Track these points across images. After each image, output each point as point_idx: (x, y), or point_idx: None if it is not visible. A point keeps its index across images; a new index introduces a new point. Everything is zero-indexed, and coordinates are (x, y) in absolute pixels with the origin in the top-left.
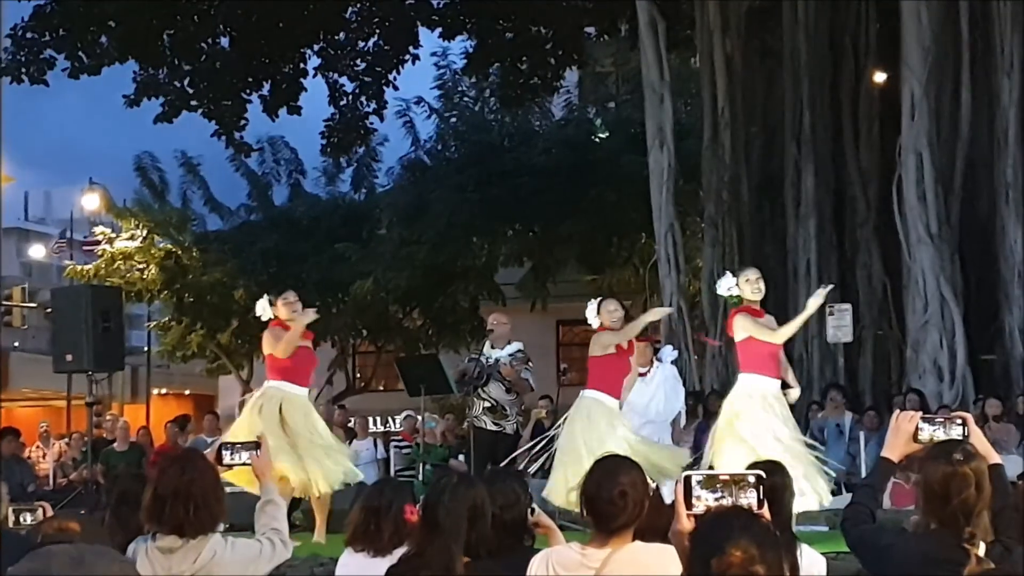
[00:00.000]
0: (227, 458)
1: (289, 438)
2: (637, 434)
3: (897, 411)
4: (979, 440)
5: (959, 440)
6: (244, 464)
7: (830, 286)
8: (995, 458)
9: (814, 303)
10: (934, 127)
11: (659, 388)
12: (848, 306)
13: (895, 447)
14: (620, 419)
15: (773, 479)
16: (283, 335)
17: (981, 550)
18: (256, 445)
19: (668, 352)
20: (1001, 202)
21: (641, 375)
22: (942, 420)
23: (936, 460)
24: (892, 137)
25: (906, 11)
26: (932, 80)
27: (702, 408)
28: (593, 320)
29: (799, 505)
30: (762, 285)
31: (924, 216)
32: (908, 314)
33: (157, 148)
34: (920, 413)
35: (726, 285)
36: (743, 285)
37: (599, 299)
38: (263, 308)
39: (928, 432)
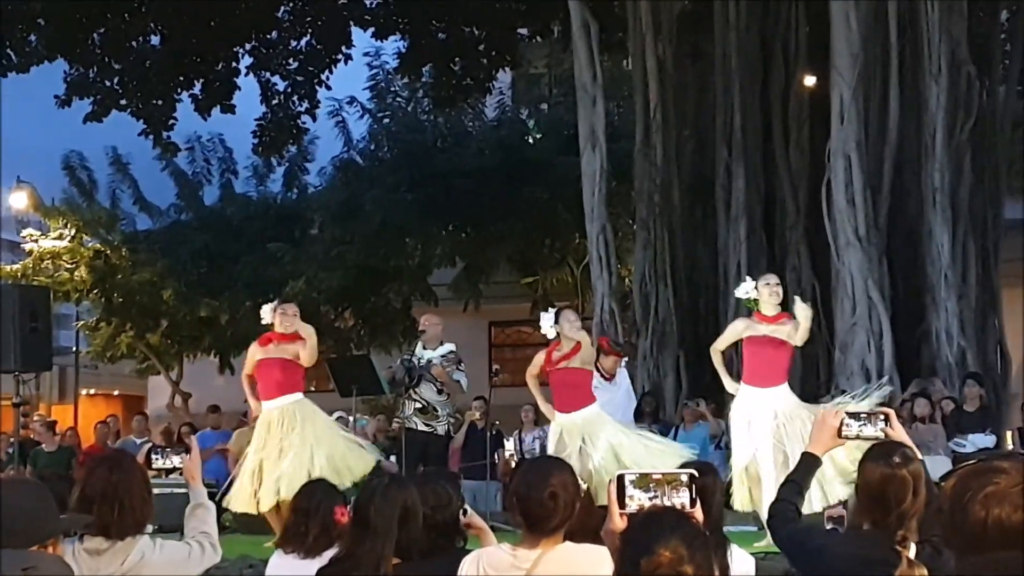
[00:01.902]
0: (157, 462)
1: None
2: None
3: (822, 407)
4: (901, 436)
5: (898, 442)
6: (175, 468)
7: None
8: (918, 454)
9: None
10: (863, 131)
11: (627, 394)
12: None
13: (819, 443)
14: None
15: (704, 479)
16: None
17: (912, 552)
18: (187, 449)
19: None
20: (928, 206)
21: (606, 379)
22: (866, 416)
23: (875, 461)
24: (821, 140)
25: (835, 15)
26: (861, 84)
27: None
28: (550, 330)
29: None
30: (780, 292)
31: (852, 219)
32: (836, 316)
33: (86, 146)
34: (845, 409)
35: (744, 289)
36: (761, 289)
37: (558, 309)
38: (266, 313)
39: (854, 428)
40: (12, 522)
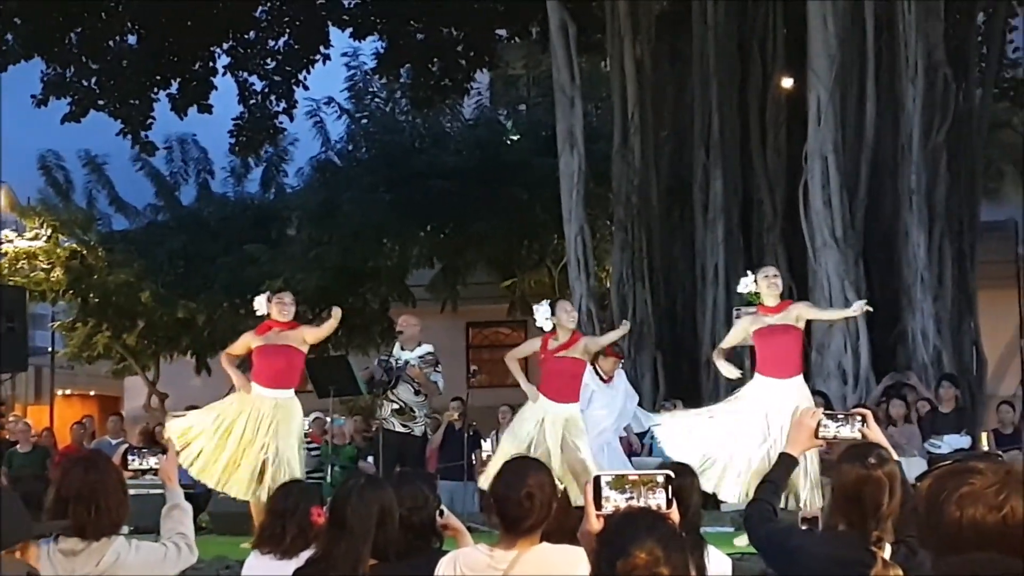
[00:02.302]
0: (134, 463)
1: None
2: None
3: (799, 408)
4: (877, 437)
5: (873, 443)
6: (151, 469)
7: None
8: (893, 455)
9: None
10: (839, 133)
11: (625, 395)
12: (754, 309)
13: (797, 443)
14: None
15: (681, 480)
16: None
17: (887, 552)
18: (163, 450)
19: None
20: (905, 207)
21: (604, 381)
22: (843, 417)
23: (850, 462)
24: (799, 142)
25: (812, 17)
26: (838, 86)
27: None
28: (546, 322)
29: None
30: (779, 283)
31: (829, 220)
32: None
33: (62, 146)
34: (822, 410)
35: (745, 284)
36: (760, 282)
37: (552, 300)
38: (260, 304)
39: (831, 429)
40: None
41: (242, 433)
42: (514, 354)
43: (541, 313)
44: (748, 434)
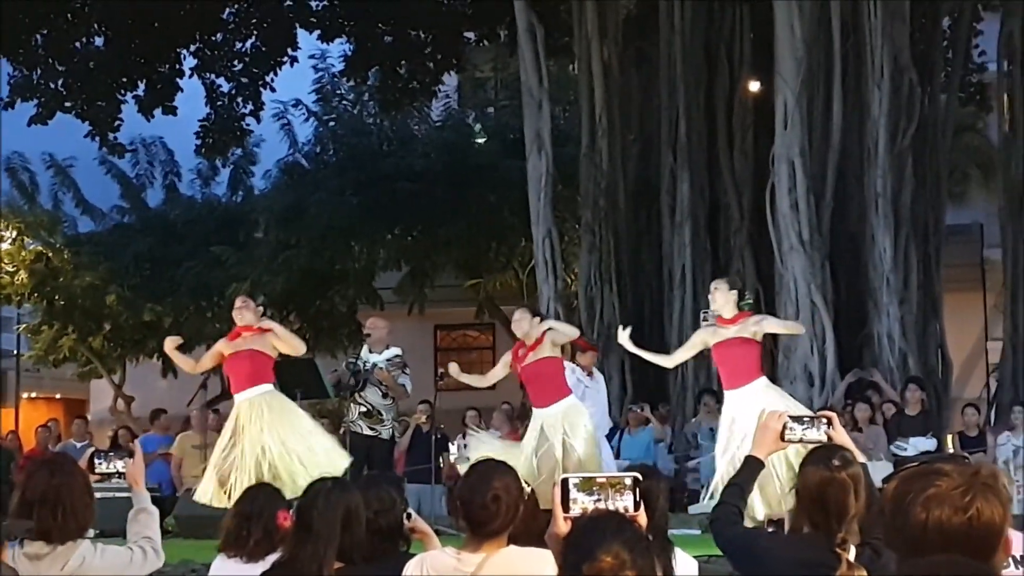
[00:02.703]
0: (100, 466)
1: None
2: None
3: (764, 410)
4: (843, 439)
5: (838, 446)
6: (118, 473)
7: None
8: (860, 458)
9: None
10: (806, 136)
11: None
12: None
13: (762, 446)
14: None
15: (648, 482)
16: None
17: (852, 554)
18: (130, 453)
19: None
20: (871, 211)
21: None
22: (809, 419)
23: (815, 465)
24: (766, 146)
25: (779, 21)
26: (805, 90)
27: None
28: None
29: None
30: (717, 296)
31: (796, 224)
32: None
33: (26, 148)
34: (788, 412)
35: (707, 318)
36: (713, 297)
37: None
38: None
39: (797, 431)
40: None
41: (237, 443)
42: (492, 376)
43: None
44: (720, 447)
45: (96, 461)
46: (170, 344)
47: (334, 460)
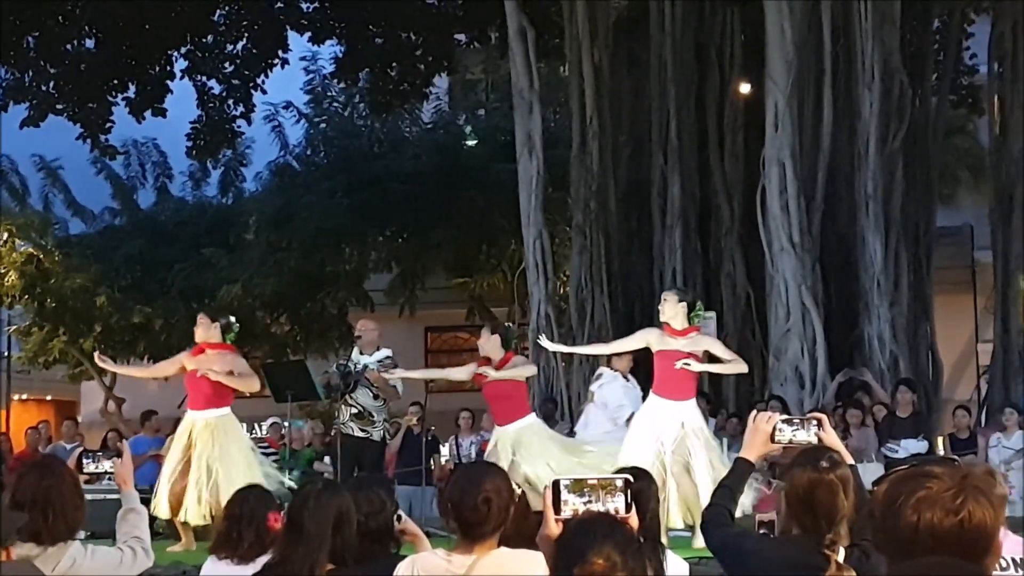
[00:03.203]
0: (89, 466)
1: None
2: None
3: (755, 411)
4: (833, 441)
5: (825, 447)
6: (107, 472)
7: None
8: (849, 459)
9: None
10: (797, 138)
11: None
12: (712, 314)
13: (753, 447)
14: None
15: (639, 484)
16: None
17: (841, 555)
18: (118, 453)
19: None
20: (861, 213)
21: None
22: (799, 421)
23: (802, 466)
24: (756, 148)
25: (770, 23)
26: (795, 92)
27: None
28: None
29: None
30: (666, 307)
31: (787, 226)
32: (771, 322)
33: (15, 150)
34: (778, 414)
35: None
36: (663, 308)
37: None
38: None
39: (787, 433)
40: None
41: (191, 461)
42: (450, 372)
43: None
44: (639, 459)
45: (84, 461)
46: (100, 362)
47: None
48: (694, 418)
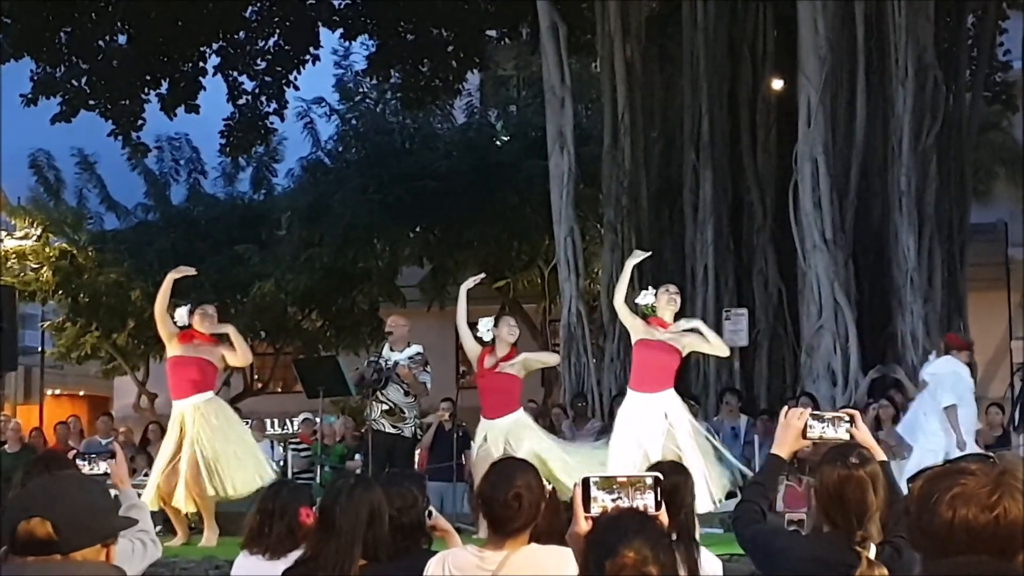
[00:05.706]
0: (84, 468)
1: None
2: None
3: (787, 408)
4: (865, 437)
5: (855, 444)
6: (103, 474)
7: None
8: (881, 456)
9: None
10: (830, 135)
11: None
12: (744, 311)
13: (784, 444)
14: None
15: (675, 479)
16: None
17: (872, 552)
18: (111, 454)
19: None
20: (895, 210)
21: None
22: (831, 417)
23: (832, 463)
24: (789, 144)
25: (802, 19)
26: (828, 88)
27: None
28: (487, 333)
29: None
30: (678, 300)
31: (819, 222)
32: (803, 319)
33: (52, 145)
34: (809, 410)
35: (644, 296)
36: (660, 296)
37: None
38: (182, 315)
39: (817, 429)
40: (86, 519)
41: (183, 450)
42: (465, 332)
43: (484, 325)
44: (619, 445)
45: (79, 463)
46: (176, 272)
47: (261, 472)
48: (675, 407)
